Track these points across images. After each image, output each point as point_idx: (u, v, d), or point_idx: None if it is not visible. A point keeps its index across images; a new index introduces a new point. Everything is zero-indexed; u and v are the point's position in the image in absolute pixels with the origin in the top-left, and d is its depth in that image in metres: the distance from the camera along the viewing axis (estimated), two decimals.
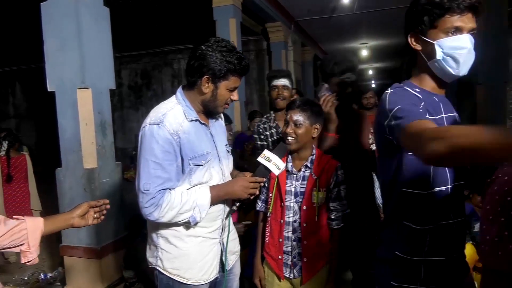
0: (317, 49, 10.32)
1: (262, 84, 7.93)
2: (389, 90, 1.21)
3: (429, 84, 1.24)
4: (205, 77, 1.46)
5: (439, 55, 1.14)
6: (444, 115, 1.22)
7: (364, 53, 10.92)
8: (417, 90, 1.20)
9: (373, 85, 18.85)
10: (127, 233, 3.11)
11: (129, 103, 8.96)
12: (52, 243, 3.70)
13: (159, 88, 8.73)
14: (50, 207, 3.87)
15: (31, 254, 1.26)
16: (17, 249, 1.27)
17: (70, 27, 2.73)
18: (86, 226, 1.42)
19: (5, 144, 4.04)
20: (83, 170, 2.82)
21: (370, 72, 16.18)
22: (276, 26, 6.95)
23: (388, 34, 9.33)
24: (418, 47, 1.20)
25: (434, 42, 1.14)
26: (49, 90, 2.84)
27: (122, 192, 3.12)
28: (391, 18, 7.56)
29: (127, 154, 8.18)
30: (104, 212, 1.43)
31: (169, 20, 6.73)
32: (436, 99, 1.22)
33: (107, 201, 1.42)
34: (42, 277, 3.46)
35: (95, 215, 1.40)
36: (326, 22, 7.65)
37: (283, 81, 2.48)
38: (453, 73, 1.15)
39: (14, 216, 1.29)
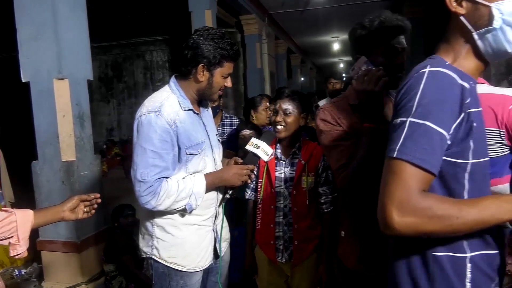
0: (290, 42, 10.42)
1: (237, 76, 7.93)
2: (427, 69, 0.84)
3: (469, 64, 0.90)
4: (200, 65, 1.48)
5: (496, 22, 0.83)
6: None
7: (336, 46, 11.12)
8: (460, 77, 0.84)
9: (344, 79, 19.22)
10: (107, 226, 3.07)
11: (100, 95, 8.71)
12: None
13: (130, 80, 8.54)
14: (22, 199, 3.83)
15: (20, 247, 1.25)
16: (5, 242, 1.25)
17: (45, 15, 2.63)
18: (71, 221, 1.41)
19: None
20: (61, 163, 2.75)
21: (341, 65, 16.51)
22: (251, 19, 6.96)
23: None
24: (461, 10, 0.86)
25: (491, 4, 0.83)
26: (23, 80, 2.73)
27: (102, 185, 3.07)
28: (361, 12, 7.74)
29: (98, 148, 7.97)
30: (95, 206, 1.42)
31: (141, 11, 6.59)
32: (475, 91, 0.89)
33: (98, 195, 1.42)
34: (17, 273, 3.35)
35: (85, 209, 1.39)
36: (299, 15, 7.74)
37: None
38: (510, 50, 0.85)
39: (3, 209, 1.26)
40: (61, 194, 2.72)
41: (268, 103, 3.06)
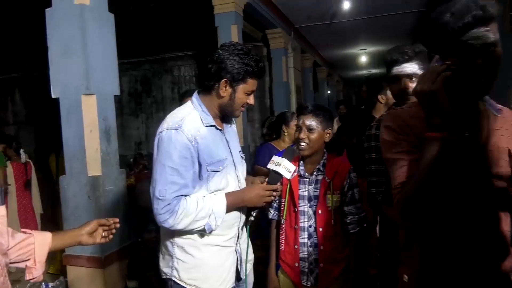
0: (317, 55, 10.35)
1: (263, 90, 7.93)
2: None
3: None
4: (223, 80, 1.45)
5: None
6: None
7: (363, 59, 10.97)
8: None
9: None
10: (131, 241, 3.06)
11: (129, 110, 8.91)
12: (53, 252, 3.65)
13: (159, 95, 8.70)
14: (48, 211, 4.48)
15: (36, 270, 1.22)
16: (22, 265, 1.22)
17: (75, 33, 2.70)
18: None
19: (23, 153, 4.18)
20: (87, 177, 2.78)
21: None
22: (277, 33, 6.96)
23: (385, 39, 9.37)
24: None
25: None
26: (53, 96, 2.80)
27: (127, 200, 3.08)
28: (388, 24, 7.62)
29: (126, 161, 8.12)
30: (114, 231, 1.40)
31: (169, 27, 6.74)
32: None
33: (117, 219, 1.39)
34: (44, 286, 3.39)
35: (103, 234, 1.37)
36: (326, 28, 7.68)
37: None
38: None
39: (22, 230, 1.25)
40: (87, 209, 2.75)
41: None
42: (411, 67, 1.62)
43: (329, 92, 13.47)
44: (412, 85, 1.59)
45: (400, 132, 1.15)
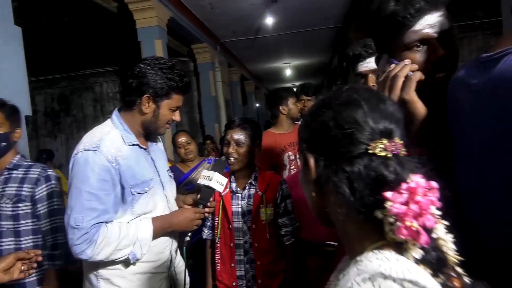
0: (243, 69, 10.52)
1: (191, 105, 7.82)
2: None
3: None
4: (145, 96, 1.36)
5: None
6: None
7: (288, 72, 11.40)
8: None
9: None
10: None
11: (46, 131, 8.21)
12: None
13: (79, 113, 8.15)
14: None
15: None
16: None
17: None
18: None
19: None
20: None
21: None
22: (203, 47, 6.95)
23: (308, 53, 9.86)
24: None
25: None
26: None
27: None
28: (310, 39, 8.03)
29: None
30: (35, 265, 1.24)
31: (89, 42, 6.38)
32: None
33: (39, 251, 1.24)
34: None
35: (22, 267, 1.21)
36: (251, 43, 7.86)
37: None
38: None
39: None
40: None
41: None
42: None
43: (257, 104, 13.74)
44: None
45: None
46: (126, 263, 1.36)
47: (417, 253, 0.55)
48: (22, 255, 1.22)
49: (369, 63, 1.46)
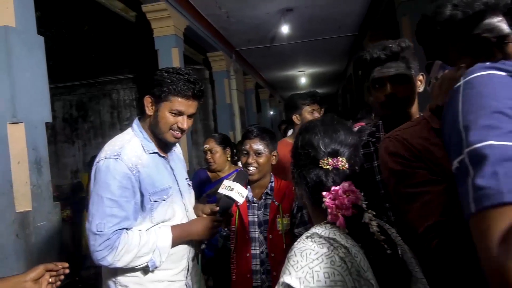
0: (258, 77, 10.56)
1: (206, 112, 7.87)
2: (476, 74, 0.64)
3: None
4: (146, 96, 1.39)
5: None
6: None
7: (303, 80, 11.38)
8: None
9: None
10: (67, 281, 2.80)
11: (64, 136, 8.38)
12: None
13: (96, 120, 8.29)
14: None
15: None
16: None
17: None
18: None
19: None
20: (15, 214, 2.52)
21: None
22: (218, 56, 7.01)
23: (323, 62, 9.85)
24: None
25: None
26: None
27: (62, 235, 2.83)
28: (325, 47, 8.03)
29: (61, 191, 7.57)
30: (62, 277, 1.26)
31: (107, 50, 6.50)
32: None
33: (66, 264, 1.25)
34: None
35: (50, 280, 1.23)
36: (266, 51, 7.89)
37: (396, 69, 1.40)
38: None
39: None
40: (15, 249, 2.47)
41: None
42: (398, 67, 1.29)
43: (271, 112, 13.75)
44: (402, 89, 1.28)
45: (412, 159, 0.92)
46: (144, 270, 1.36)
47: (344, 229, 0.85)
48: (50, 266, 1.23)
49: (389, 68, 1.31)
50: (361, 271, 0.77)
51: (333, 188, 0.86)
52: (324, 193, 0.87)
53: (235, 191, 1.48)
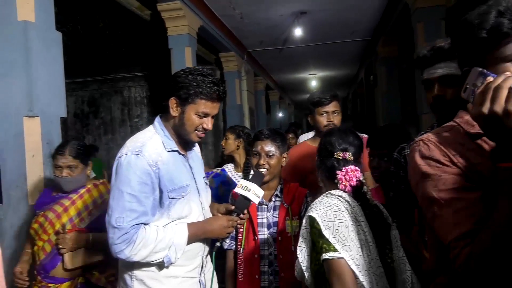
0: (269, 79, 10.58)
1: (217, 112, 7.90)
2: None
3: None
4: (172, 98, 1.40)
5: None
6: None
7: (313, 83, 11.37)
8: None
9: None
10: None
11: (74, 131, 8.45)
12: None
13: (107, 116, 8.35)
14: None
15: None
16: None
17: (18, 52, 2.54)
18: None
19: None
20: (28, 207, 2.56)
21: None
22: (230, 56, 7.05)
23: (334, 65, 9.83)
24: None
25: None
26: None
27: None
28: (337, 51, 8.02)
29: None
30: None
31: (120, 47, 6.58)
32: None
33: None
34: None
35: None
36: (277, 53, 7.90)
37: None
38: None
39: None
40: (27, 241, 2.52)
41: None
42: (447, 67, 1.24)
43: (281, 114, 13.75)
44: (452, 91, 1.23)
45: (447, 163, 0.89)
46: (160, 266, 1.39)
47: (349, 193, 1.30)
48: None
49: (438, 69, 1.27)
50: (357, 217, 1.23)
51: (343, 168, 1.31)
52: (338, 172, 1.32)
53: (252, 191, 1.49)
